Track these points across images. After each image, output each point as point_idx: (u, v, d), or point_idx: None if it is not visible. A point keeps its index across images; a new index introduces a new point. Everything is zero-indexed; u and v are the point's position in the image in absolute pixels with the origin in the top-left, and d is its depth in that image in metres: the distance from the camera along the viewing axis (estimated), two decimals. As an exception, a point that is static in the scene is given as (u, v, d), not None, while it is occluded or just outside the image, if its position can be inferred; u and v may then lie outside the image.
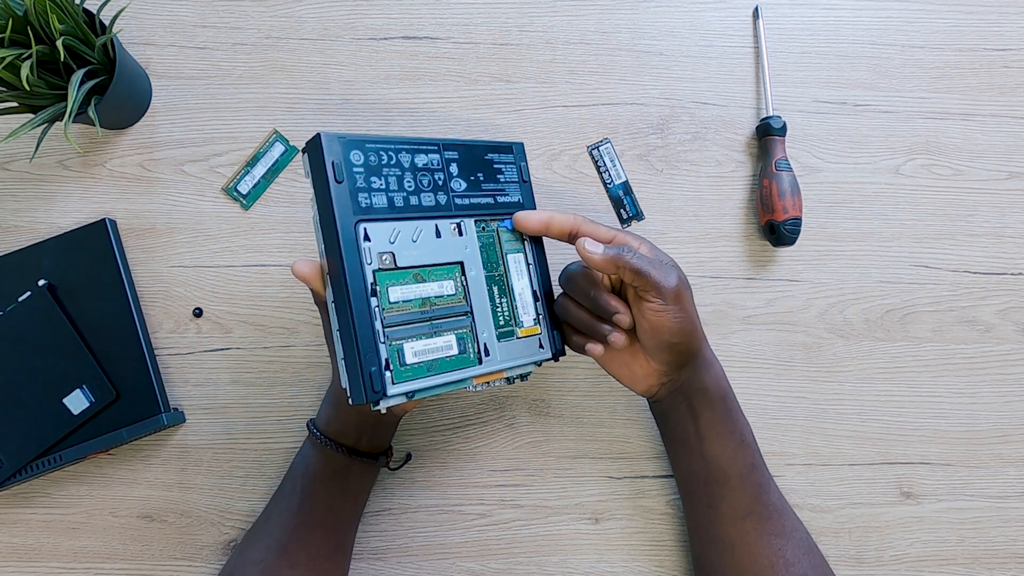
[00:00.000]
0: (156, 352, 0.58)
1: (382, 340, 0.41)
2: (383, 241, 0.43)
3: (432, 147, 0.47)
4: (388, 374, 0.41)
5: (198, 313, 0.58)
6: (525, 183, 0.51)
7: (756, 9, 0.63)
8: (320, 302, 0.45)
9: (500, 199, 0.50)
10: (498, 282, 0.48)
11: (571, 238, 0.48)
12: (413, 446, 0.58)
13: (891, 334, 0.61)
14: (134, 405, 0.55)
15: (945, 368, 0.61)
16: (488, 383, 0.46)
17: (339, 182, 0.41)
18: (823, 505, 0.59)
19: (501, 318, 0.48)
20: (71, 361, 0.55)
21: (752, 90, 0.62)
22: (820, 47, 0.63)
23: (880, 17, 0.64)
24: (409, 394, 0.42)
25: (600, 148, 0.61)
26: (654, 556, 0.58)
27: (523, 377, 0.49)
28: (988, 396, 0.61)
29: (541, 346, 0.49)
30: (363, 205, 0.42)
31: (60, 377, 0.54)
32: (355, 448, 0.51)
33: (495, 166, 0.50)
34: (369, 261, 0.42)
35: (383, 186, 0.44)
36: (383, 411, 0.41)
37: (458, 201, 0.47)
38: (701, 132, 0.62)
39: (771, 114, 0.60)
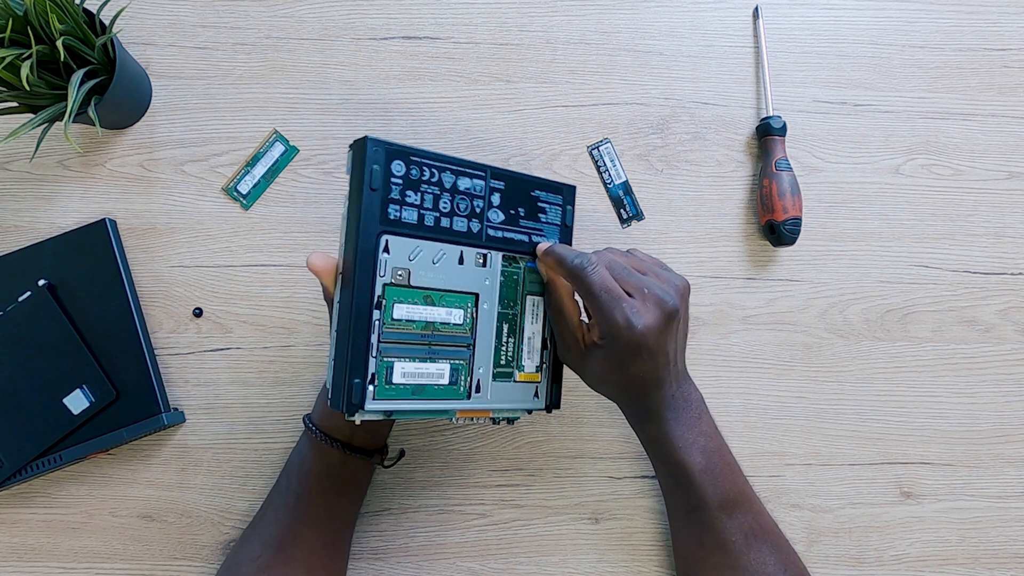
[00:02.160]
0: (156, 352, 0.58)
1: (374, 354, 0.41)
2: (402, 257, 0.42)
3: (479, 172, 0.46)
4: (371, 388, 0.41)
5: (198, 313, 0.58)
6: (567, 228, 0.50)
7: (756, 9, 0.63)
8: (328, 298, 0.45)
9: (536, 239, 0.48)
10: (510, 321, 0.47)
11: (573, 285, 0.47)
12: (413, 446, 0.58)
13: (891, 334, 0.61)
14: (134, 405, 0.55)
15: (945, 368, 0.61)
16: (472, 419, 0.46)
17: (373, 190, 0.41)
18: (823, 505, 0.59)
19: (503, 357, 0.47)
20: (71, 361, 0.55)
21: (752, 90, 0.62)
22: (820, 47, 0.63)
23: (880, 17, 0.64)
24: (387, 413, 0.42)
25: (600, 148, 0.61)
26: (654, 556, 0.58)
27: (509, 421, 0.48)
28: (988, 396, 0.61)
29: (537, 395, 0.48)
30: (391, 217, 0.42)
31: (60, 377, 0.54)
32: (349, 443, 0.51)
33: (540, 204, 0.48)
34: (382, 273, 0.41)
35: (417, 202, 0.43)
36: (357, 422, 0.41)
37: (491, 232, 0.46)
38: (701, 132, 0.62)
39: (771, 114, 0.60)
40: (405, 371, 0.42)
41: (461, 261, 0.45)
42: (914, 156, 0.63)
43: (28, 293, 0.55)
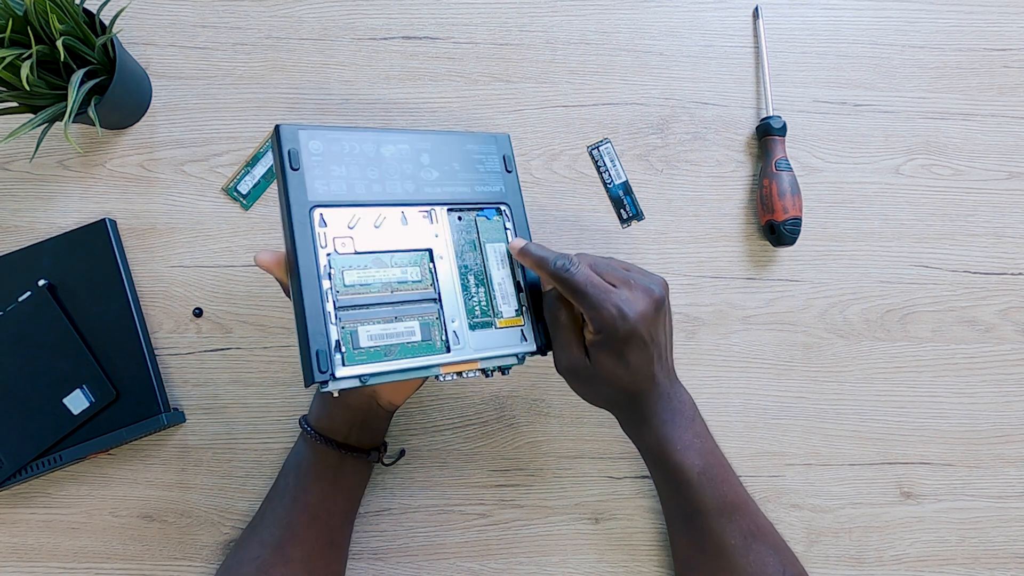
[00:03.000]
0: (156, 352, 0.58)
1: (333, 321, 0.41)
2: (340, 226, 0.43)
3: (399, 137, 0.47)
4: (338, 356, 0.41)
5: (198, 313, 0.58)
6: (510, 172, 0.51)
7: (756, 9, 0.63)
8: (287, 290, 0.46)
9: (479, 188, 0.49)
10: (475, 271, 0.47)
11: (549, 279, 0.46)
12: (413, 446, 0.58)
13: (891, 334, 0.61)
14: (134, 405, 0.55)
15: (945, 368, 0.61)
16: (460, 374, 0.45)
17: (295, 170, 0.43)
18: (823, 505, 0.59)
19: (477, 308, 0.47)
20: (71, 361, 0.55)
21: (752, 90, 0.62)
22: (820, 47, 0.63)
23: (880, 17, 0.64)
24: (362, 377, 0.41)
25: (600, 148, 0.61)
26: (654, 556, 0.58)
27: (503, 371, 0.47)
28: (988, 396, 0.61)
29: (525, 338, 0.48)
30: (319, 192, 0.43)
31: (60, 377, 0.54)
32: (346, 443, 0.51)
33: (475, 156, 0.50)
34: (323, 245, 0.42)
35: (343, 174, 0.44)
36: (335, 394, 0.41)
37: (428, 190, 0.47)
38: (701, 132, 0.62)
39: (771, 114, 0.60)
40: (371, 333, 0.42)
41: (405, 221, 0.46)
42: (914, 156, 0.63)
43: (28, 293, 0.55)
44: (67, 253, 0.57)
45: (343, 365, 0.41)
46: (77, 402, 0.54)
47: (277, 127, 0.43)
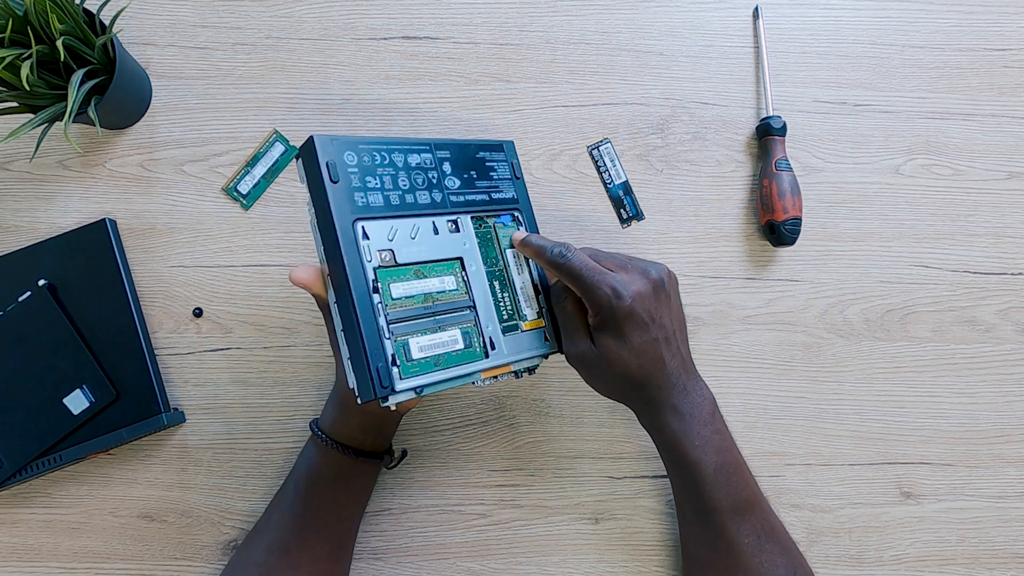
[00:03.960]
0: (156, 352, 0.58)
1: (387, 336, 0.41)
2: (382, 239, 0.43)
3: (424, 147, 0.47)
4: (395, 370, 0.41)
5: (198, 313, 0.58)
6: (518, 179, 0.52)
7: (756, 9, 0.63)
8: (323, 305, 0.45)
9: (495, 195, 0.50)
10: (499, 277, 0.48)
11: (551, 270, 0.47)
12: (413, 446, 0.58)
13: (891, 334, 0.61)
14: (134, 405, 0.55)
15: (945, 368, 0.61)
16: (496, 377, 0.46)
17: (335, 182, 0.42)
18: (823, 505, 0.59)
19: (504, 312, 0.48)
20: (71, 361, 0.55)
21: (752, 90, 0.62)
22: (820, 47, 0.63)
23: (880, 17, 0.64)
24: (417, 389, 0.42)
25: (600, 148, 0.61)
26: (654, 556, 0.58)
27: (530, 371, 0.48)
28: (988, 396, 0.61)
29: (547, 339, 0.49)
30: (360, 204, 0.43)
31: (60, 377, 0.54)
32: (360, 449, 0.51)
33: (487, 164, 0.50)
34: (369, 259, 0.42)
35: (378, 185, 0.44)
36: (393, 407, 0.41)
37: (453, 198, 0.47)
38: (701, 132, 0.62)
39: (771, 114, 0.60)
40: (421, 345, 0.43)
41: (436, 231, 0.46)
42: (914, 156, 0.63)
43: (28, 293, 0.55)
44: (67, 253, 0.57)
45: (400, 379, 0.41)
46: (77, 402, 0.54)
47: (311, 138, 0.42)
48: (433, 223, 0.46)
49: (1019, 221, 0.62)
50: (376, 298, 0.41)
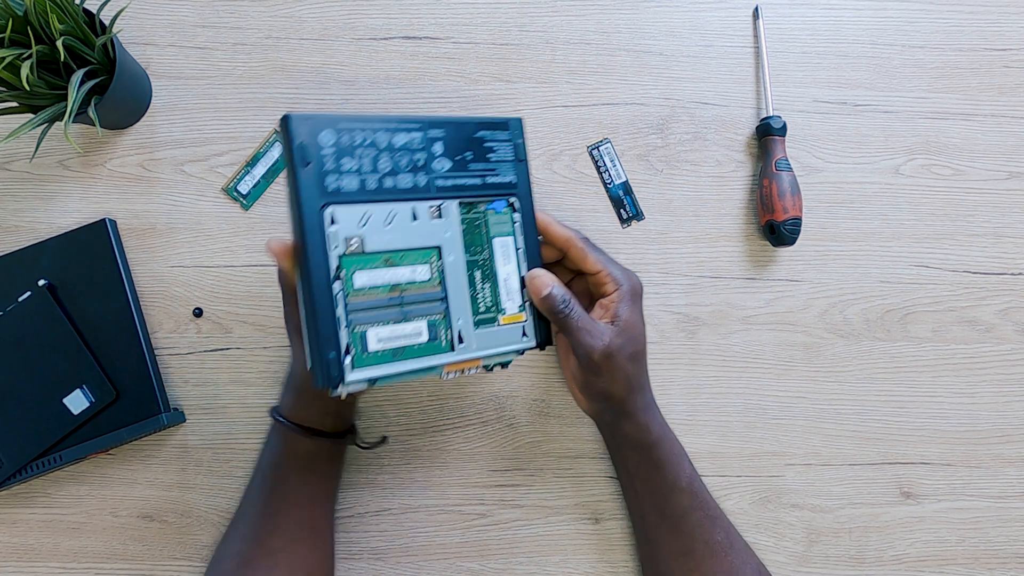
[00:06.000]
0: (156, 352, 0.58)
1: (344, 325, 0.41)
2: (351, 225, 0.42)
3: (415, 126, 0.45)
4: (348, 359, 0.41)
5: (198, 313, 0.58)
6: (521, 162, 0.49)
7: (756, 9, 0.63)
8: (285, 283, 0.45)
9: (490, 179, 0.48)
10: (481, 266, 0.47)
11: (565, 257, 0.51)
12: (413, 446, 0.58)
13: (891, 334, 0.61)
14: (134, 405, 0.55)
15: (945, 368, 0.61)
16: (462, 371, 0.45)
17: (306, 164, 0.41)
18: (823, 505, 0.59)
19: (482, 304, 0.46)
20: (71, 361, 0.55)
21: (752, 90, 0.62)
22: (820, 47, 0.63)
23: (880, 17, 0.64)
24: (371, 380, 0.41)
25: (600, 148, 0.61)
26: (654, 556, 0.58)
27: (503, 365, 0.47)
28: (988, 396, 0.61)
29: (525, 334, 0.48)
30: (330, 188, 0.41)
31: (60, 377, 0.54)
32: (321, 431, 0.51)
33: (486, 144, 0.48)
34: (335, 246, 0.41)
35: (355, 168, 0.42)
36: (342, 396, 0.41)
37: (440, 182, 0.46)
38: (701, 132, 0.62)
39: (771, 114, 0.60)
40: (380, 336, 0.42)
41: (415, 217, 0.44)
42: (914, 156, 0.63)
43: (28, 293, 0.55)
44: (67, 253, 0.57)
45: (353, 369, 0.41)
46: (77, 402, 0.54)
47: (286, 116, 0.40)
48: (413, 209, 0.44)
49: (1019, 221, 0.62)
50: (337, 287, 0.41)
